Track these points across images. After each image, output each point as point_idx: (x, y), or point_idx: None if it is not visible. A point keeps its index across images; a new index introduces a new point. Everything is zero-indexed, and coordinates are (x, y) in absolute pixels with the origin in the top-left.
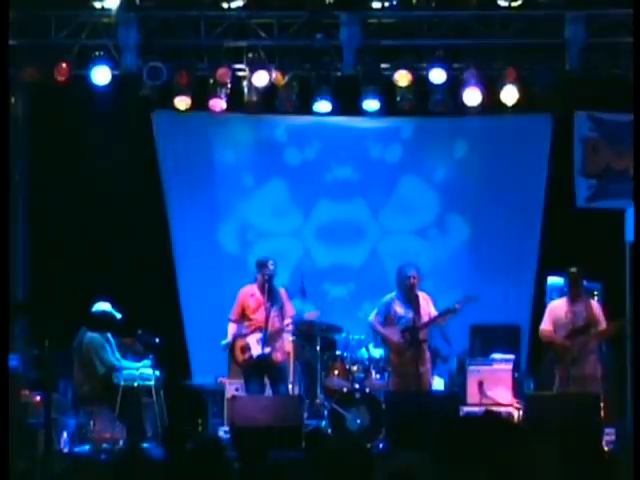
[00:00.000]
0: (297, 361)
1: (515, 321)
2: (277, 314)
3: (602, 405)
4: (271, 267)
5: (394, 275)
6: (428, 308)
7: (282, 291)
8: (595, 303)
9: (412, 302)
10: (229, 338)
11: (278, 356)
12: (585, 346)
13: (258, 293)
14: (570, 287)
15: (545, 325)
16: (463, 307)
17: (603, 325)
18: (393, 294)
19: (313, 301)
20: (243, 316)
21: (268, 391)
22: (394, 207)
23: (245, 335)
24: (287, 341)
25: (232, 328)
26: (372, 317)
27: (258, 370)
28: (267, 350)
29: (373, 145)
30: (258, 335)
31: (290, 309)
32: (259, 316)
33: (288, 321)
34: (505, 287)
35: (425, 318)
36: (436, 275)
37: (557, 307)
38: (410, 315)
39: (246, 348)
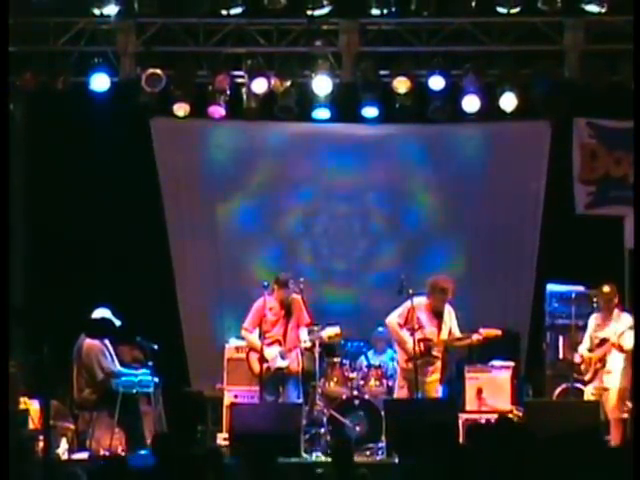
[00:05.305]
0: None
1: (514, 328)
2: (294, 326)
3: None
4: (291, 286)
5: (396, 281)
6: (450, 322)
7: (296, 300)
8: (625, 316)
9: (439, 315)
10: (248, 345)
11: (294, 367)
12: (602, 359)
13: (277, 308)
14: (602, 304)
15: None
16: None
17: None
18: (422, 300)
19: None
20: (259, 327)
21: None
22: (393, 213)
23: (262, 347)
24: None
25: (249, 337)
26: (393, 318)
27: (275, 381)
28: (285, 364)
29: (372, 151)
30: (277, 348)
31: (305, 317)
32: (277, 330)
33: (304, 332)
34: (504, 294)
35: (445, 332)
36: None
37: (590, 320)
38: (431, 328)
39: (264, 360)
